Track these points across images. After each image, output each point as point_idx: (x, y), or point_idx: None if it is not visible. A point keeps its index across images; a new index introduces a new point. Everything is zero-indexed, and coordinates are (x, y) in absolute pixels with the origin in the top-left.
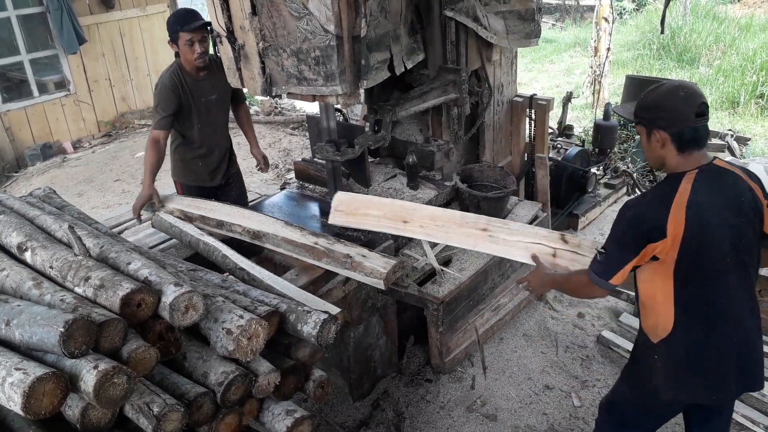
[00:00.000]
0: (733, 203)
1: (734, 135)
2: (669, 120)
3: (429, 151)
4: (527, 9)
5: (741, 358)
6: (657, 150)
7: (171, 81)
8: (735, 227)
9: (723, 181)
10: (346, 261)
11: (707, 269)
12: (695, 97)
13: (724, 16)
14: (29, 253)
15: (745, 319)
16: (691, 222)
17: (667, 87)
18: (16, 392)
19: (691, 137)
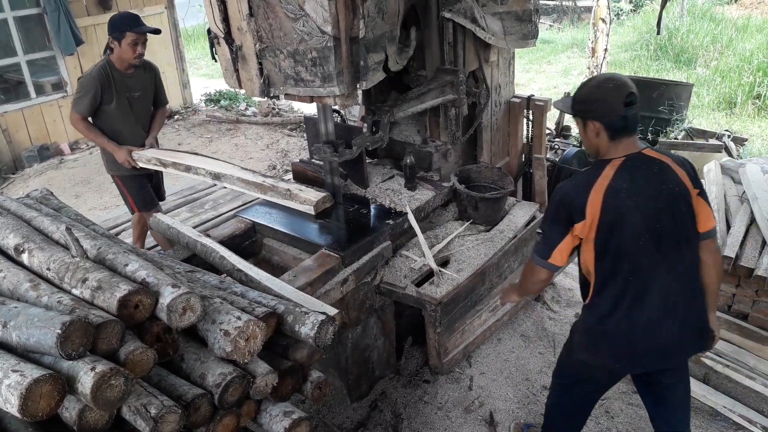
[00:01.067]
0: (654, 190)
1: (731, 135)
2: (601, 111)
3: (427, 152)
4: (524, 10)
5: (659, 335)
6: (593, 139)
7: (99, 73)
8: (653, 212)
9: (647, 169)
10: (286, 193)
11: (620, 248)
12: (623, 87)
13: (721, 17)
14: (26, 254)
15: (668, 303)
16: (606, 204)
17: (597, 80)
18: (13, 394)
19: (622, 125)
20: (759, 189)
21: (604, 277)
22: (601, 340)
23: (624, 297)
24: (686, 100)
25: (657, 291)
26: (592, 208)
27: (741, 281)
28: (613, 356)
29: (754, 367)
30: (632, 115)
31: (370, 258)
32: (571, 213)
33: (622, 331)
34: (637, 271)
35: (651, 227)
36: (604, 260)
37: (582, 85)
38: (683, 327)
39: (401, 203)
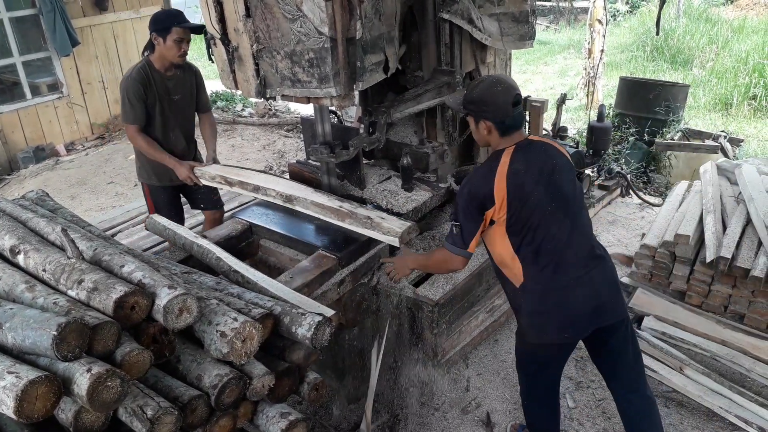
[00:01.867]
0: (546, 165)
1: (727, 136)
2: (492, 112)
3: (424, 153)
4: (521, 11)
5: (585, 298)
6: (484, 136)
7: (139, 75)
8: (550, 185)
9: (535, 150)
10: (366, 221)
11: (530, 223)
12: (511, 90)
13: (717, 18)
14: (22, 256)
15: (583, 261)
16: (510, 186)
17: (487, 83)
18: (9, 396)
19: (510, 124)
20: (755, 190)
21: (524, 256)
22: (544, 319)
23: (547, 267)
24: (682, 101)
25: (573, 254)
26: (499, 192)
27: (737, 282)
28: (558, 329)
29: (750, 369)
30: (519, 113)
31: (367, 259)
32: (481, 201)
33: (557, 301)
34: (551, 240)
35: (554, 198)
36: (520, 239)
37: (473, 86)
38: (607, 282)
39: (398, 205)
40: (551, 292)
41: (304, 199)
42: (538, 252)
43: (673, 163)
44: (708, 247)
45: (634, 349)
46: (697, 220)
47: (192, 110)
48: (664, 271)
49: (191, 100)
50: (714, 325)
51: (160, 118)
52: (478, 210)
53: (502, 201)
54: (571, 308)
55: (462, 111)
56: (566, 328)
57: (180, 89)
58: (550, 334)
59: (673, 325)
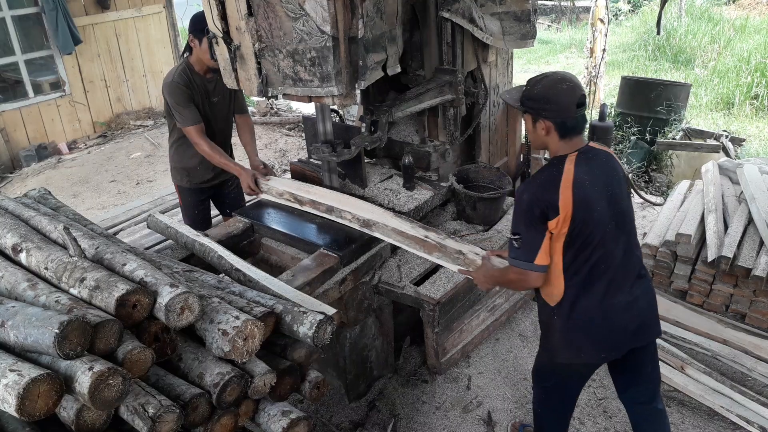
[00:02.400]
0: (607, 178)
1: (729, 136)
2: (553, 111)
3: (425, 152)
4: (523, 10)
5: (629, 319)
6: (542, 136)
7: (182, 77)
8: (611, 198)
9: (598, 160)
10: (458, 257)
11: (591, 239)
12: (576, 89)
13: (719, 17)
14: (24, 254)
15: (631, 281)
16: (577, 197)
17: (550, 80)
18: (11, 394)
19: (573, 126)
20: (757, 189)
21: (575, 272)
22: (581, 340)
23: (597, 286)
24: (684, 100)
25: (623, 273)
26: (564, 202)
27: (739, 281)
28: (596, 350)
29: (752, 368)
30: (582, 116)
31: (369, 258)
32: (543, 211)
33: (601, 323)
34: (606, 258)
35: (613, 212)
36: (574, 256)
37: (534, 82)
38: (648, 302)
39: (400, 204)
40: (595, 313)
41: (384, 226)
42: (591, 271)
43: (675, 162)
44: (709, 246)
45: (653, 362)
46: (699, 219)
47: (230, 113)
48: (666, 271)
49: (229, 103)
50: (715, 324)
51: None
52: (540, 219)
53: (566, 213)
54: (614, 330)
55: (520, 108)
56: (605, 349)
57: (219, 91)
58: (586, 355)
59: (675, 325)
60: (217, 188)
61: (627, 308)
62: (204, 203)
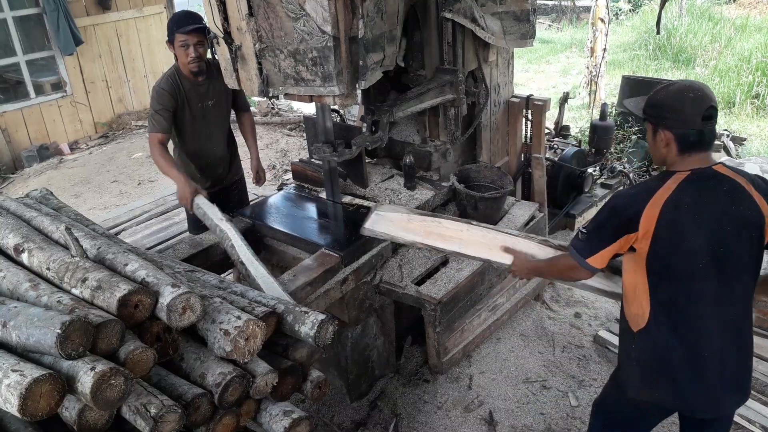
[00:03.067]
0: (722, 210)
1: (730, 135)
2: (675, 121)
3: (426, 152)
4: (522, 10)
5: (724, 373)
6: (661, 148)
7: (168, 83)
8: (717, 234)
9: (716, 186)
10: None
11: (678, 270)
12: (705, 100)
13: (719, 16)
14: (26, 254)
15: (722, 330)
16: (663, 219)
17: (677, 87)
18: (13, 394)
19: (696, 140)
20: None
21: (661, 301)
22: (658, 375)
23: (683, 325)
24: None
25: (718, 323)
26: (646, 220)
27: None
28: (674, 392)
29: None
30: (709, 130)
31: (370, 257)
32: (622, 222)
33: (685, 365)
34: (697, 298)
35: (715, 250)
36: (659, 281)
37: (660, 88)
38: (743, 368)
39: (400, 203)
40: (679, 351)
41: None
42: (679, 305)
43: None
44: None
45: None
46: None
47: (228, 116)
48: None
49: (227, 104)
50: None
51: (192, 127)
52: (615, 228)
53: (646, 231)
54: (701, 379)
55: (641, 116)
56: (683, 395)
57: (213, 94)
58: (659, 393)
59: None
60: (218, 194)
61: (718, 362)
62: None
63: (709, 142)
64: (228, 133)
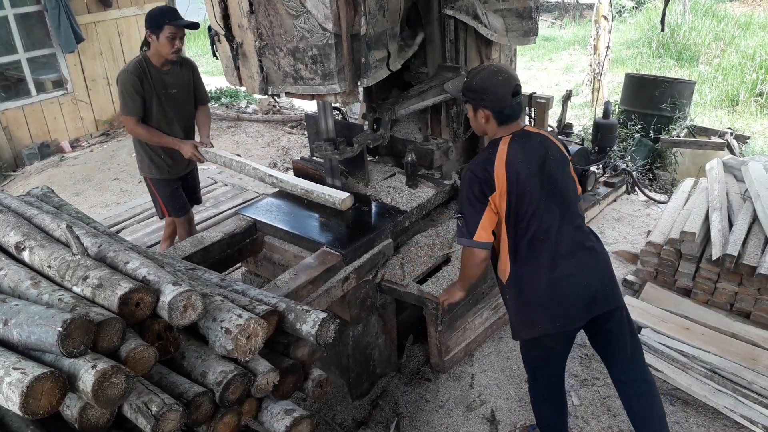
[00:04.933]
0: (539, 157)
1: (733, 133)
2: (491, 101)
3: (428, 150)
4: (525, 7)
5: (579, 289)
6: (482, 124)
7: (135, 69)
8: (544, 175)
9: (531, 141)
10: None
11: (525, 213)
12: (511, 80)
13: (723, 14)
14: (27, 252)
15: (573, 251)
16: (509, 175)
17: (487, 72)
18: (15, 392)
19: (510, 113)
20: (761, 187)
21: (516, 248)
22: (532, 313)
23: (539, 260)
24: (688, 97)
25: (566, 247)
26: (499, 179)
27: (743, 279)
28: (549, 320)
29: (752, 381)
30: (517, 104)
31: (371, 256)
32: (482, 188)
33: (548, 293)
34: (544, 232)
35: (548, 189)
36: (513, 229)
37: (473, 74)
38: (599, 272)
39: (402, 202)
40: (540, 285)
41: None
42: (531, 245)
43: (679, 160)
44: (714, 244)
45: (631, 334)
46: (703, 217)
47: (190, 104)
48: (670, 269)
49: (189, 95)
50: (723, 318)
51: (159, 111)
52: (480, 196)
53: (501, 189)
54: (561, 299)
55: (461, 98)
56: (558, 318)
57: (177, 83)
58: (541, 326)
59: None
60: (182, 181)
61: (574, 279)
62: (178, 191)
63: (518, 113)
64: (191, 122)
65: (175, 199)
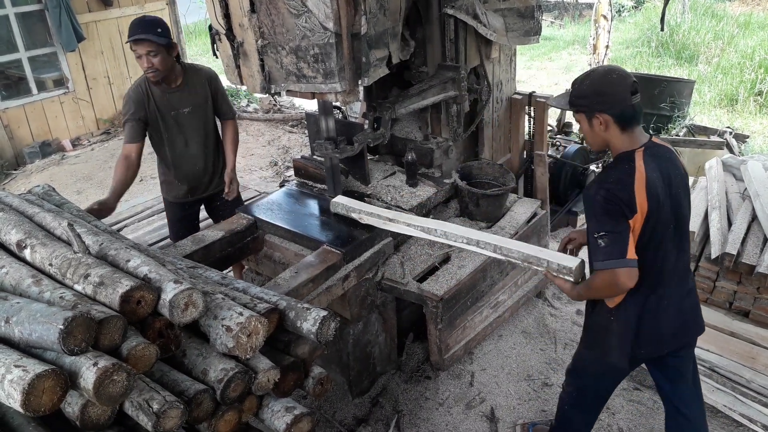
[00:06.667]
0: (671, 175)
1: (733, 132)
2: (609, 102)
3: (428, 149)
4: (527, 6)
5: (684, 312)
6: (600, 134)
7: (136, 92)
8: (674, 197)
9: (661, 156)
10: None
11: (658, 238)
12: (627, 77)
13: (723, 13)
14: (28, 250)
15: (684, 277)
16: (650, 198)
17: (599, 73)
18: (16, 389)
19: (631, 115)
20: (761, 186)
21: (641, 274)
22: (642, 334)
23: (662, 285)
24: (688, 96)
25: (676, 276)
26: (640, 200)
27: (742, 278)
28: (645, 348)
29: (750, 380)
30: (638, 104)
31: (372, 254)
32: (623, 207)
33: (652, 323)
34: (665, 260)
35: (676, 213)
36: (642, 253)
37: (582, 80)
38: (692, 302)
39: (403, 201)
40: (650, 313)
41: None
42: (657, 269)
43: None
44: (713, 243)
45: (694, 362)
46: (702, 216)
47: (210, 122)
48: None
49: (206, 112)
50: (723, 316)
51: (167, 136)
52: (622, 215)
53: (643, 212)
54: (661, 328)
55: (571, 109)
56: (652, 345)
57: (189, 101)
58: (644, 350)
59: None
60: (206, 203)
61: (676, 310)
62: (184, 217)
63: (640, 115)
64: (212, 141)
65: (178, 224)
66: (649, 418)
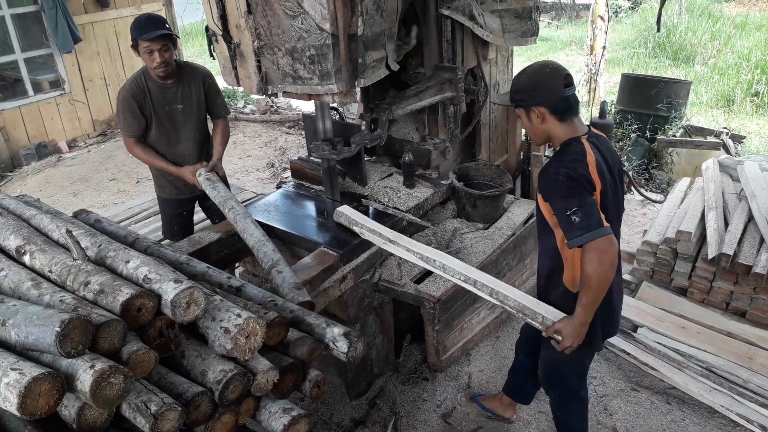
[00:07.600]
0: (612, 162)
1: (729, 133)
2: (543, 95)
3: (425, 150)
4: (524, 7)
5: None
6: (539, 126)
7: (132, 87)
8: (613, 181)
9: (603, 144)
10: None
11: (609, 219)
12: (560, 70)
13: (719, 14)
14: (28, 256)
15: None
16: (601, 177)
17: (533, 68)
18: (12, 392)
19: (566, 106)
20: (757, 186)
21: None
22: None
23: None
24: (684, 97)
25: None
26: (594, 179)
27: (739, 278)
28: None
29: (747, 380)
30: (573, 95)
31: (369, 256)
32: (584, 183)
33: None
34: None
35: (616, 196)
36: None
37: (518, 75)
38: None
39: (400, 202)
40: (615, 293)
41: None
42: None
43: (675, 159)
44: (710, 243)
45: None
46: (699, 216)
47: (202, 120)
48: (666, 268)
49: (200, 109)
50: (719, 317)
51: (161, 130)
52: (586, 188)
53: (598, 189)
54: (618, 309)
55: (511, 104)
56: (615, 325)
57: (183, 98)
58: (609, 331)
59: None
60: (201, 200)
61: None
62: (180, 214)
63: (576, 106)
64: (202, 139)
65: (172, 222)
66: (646, 419)
